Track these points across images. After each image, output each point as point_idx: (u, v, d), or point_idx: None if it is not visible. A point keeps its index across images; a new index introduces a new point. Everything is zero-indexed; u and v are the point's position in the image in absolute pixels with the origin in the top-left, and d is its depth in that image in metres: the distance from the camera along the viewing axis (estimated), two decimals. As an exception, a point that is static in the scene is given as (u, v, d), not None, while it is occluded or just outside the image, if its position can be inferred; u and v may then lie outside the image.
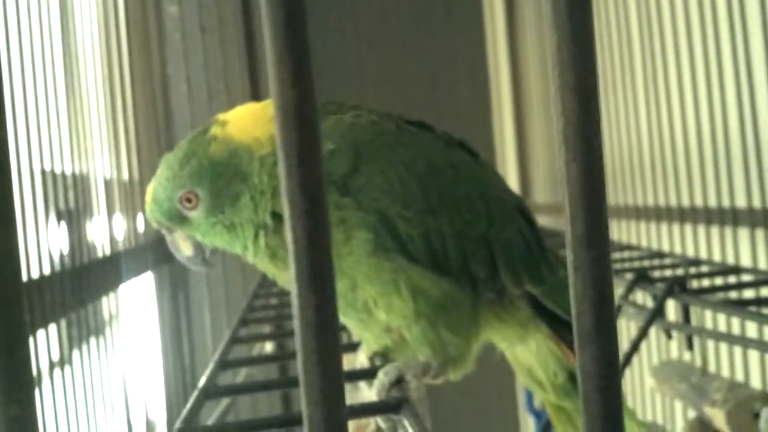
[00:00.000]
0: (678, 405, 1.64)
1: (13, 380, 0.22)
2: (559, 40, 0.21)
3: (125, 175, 1.82)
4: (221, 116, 0.86)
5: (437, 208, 0.82)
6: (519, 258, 0.85)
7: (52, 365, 1.22)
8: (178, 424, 0.63)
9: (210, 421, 0.97)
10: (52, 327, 1.21)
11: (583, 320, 0.22)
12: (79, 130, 1.51)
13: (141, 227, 1.87)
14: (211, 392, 0.74)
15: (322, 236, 0.21)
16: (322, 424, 0.21)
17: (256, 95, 2.39)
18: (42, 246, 1.20)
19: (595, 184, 0.21)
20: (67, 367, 1.29)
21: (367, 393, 0.81)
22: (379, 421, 0.73)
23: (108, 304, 1.57)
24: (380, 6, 2.79)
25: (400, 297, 0.81)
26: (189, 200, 0.81)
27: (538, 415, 1.98)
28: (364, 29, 2.74)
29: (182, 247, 0.87)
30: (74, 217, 1.41)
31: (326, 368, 0.21)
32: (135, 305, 1.81)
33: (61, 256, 1.31)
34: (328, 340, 0.21)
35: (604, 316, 0.22)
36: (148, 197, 0.84)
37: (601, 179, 0.21)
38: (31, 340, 1.07)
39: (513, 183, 2.90)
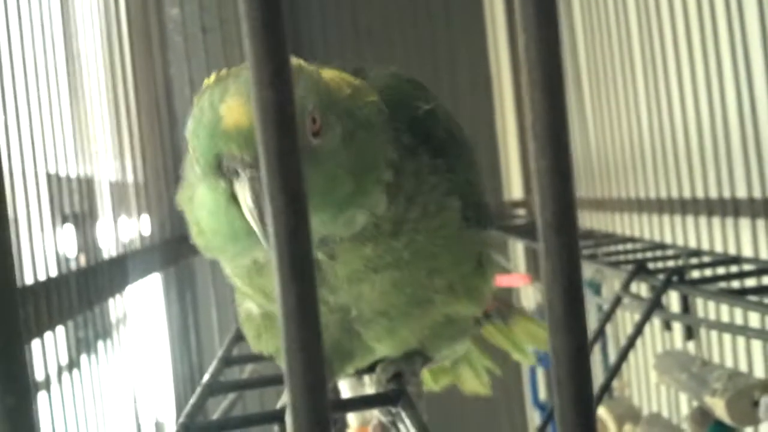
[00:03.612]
0: (683, 396, 1.64)
1: (9, 372, 0.23)
2: (527, 40, 0.22)
3: (130, 177, 1.83)
4: None
5: (472, 162, 0.80)
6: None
7: (60, 367, 1.24)
8: (181, 419, 0.64)
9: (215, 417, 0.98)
10: (60, 329, 1.22)
11: (554, 306, 0.23)
12: (84, 134, 1.52)
13: (148, 229, 1.88)
14: (216, 388, 0.75)
15: (302, 230, 0.22)
16: (307, 411, 0.22)
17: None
18: (49, 249, 1.22)
19: (563, 175, 0.22)
20: (75, 369, 1.31)
21: (370, 390, 0.82)
22: (380, 415, 0.74)
23: (116, 305, 1.59)
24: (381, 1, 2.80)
25: (482, 275, 0.79)
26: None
27: (543, 408, 1.99)
28: (363, 22, 2.75)
29: None
30: (81, 219, 1.43)
31: (309, 356, 0.22)
32: (143, 306, 1.82)
33: (68, 258, 1.32)
34: (310, 328, 0.22)
35: (574, 301, 0.23)
36: None
37: (569, 170, 0.22)
38: (38, 341, 1.09)
39: (516, 177, 2.91)
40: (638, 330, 1.03)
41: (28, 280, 1.11)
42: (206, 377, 0.78)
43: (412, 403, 0.65)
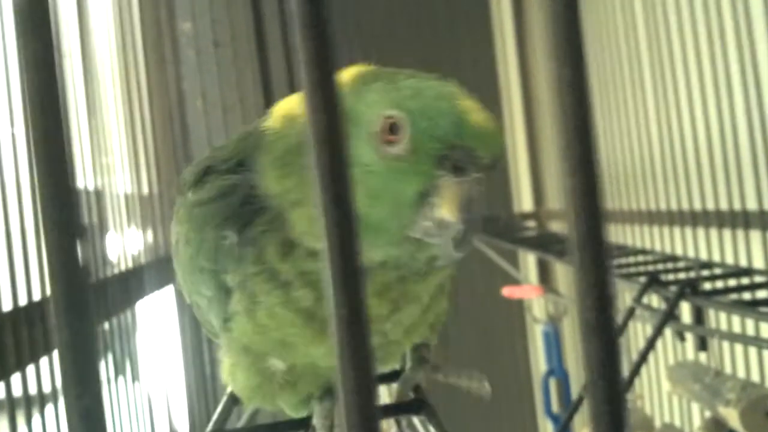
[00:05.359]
0: (695, 406, 1.65)
1: (84, 372, 0.25)
2: (558, 67, 0.24)
3: (145, 190, 1.85)
4: None
5: None
6: None
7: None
8: (210, 427, 0.65)
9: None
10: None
11: (586, 315, 0.25)
12: (100, 147, 1.54)
13: (162, 241, 1.90)
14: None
15: (353, 242, 0.24)
16: (357, 411, 0.24)
17: (270, 108, 2.42)
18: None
19: (592, 193, 0.24)
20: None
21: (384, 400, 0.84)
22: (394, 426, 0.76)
23: (130, 317, 1.61)
24: (386, 9, 2.82)
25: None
26: None
27: (556, 418, 2.00)
28: (369, 32, 2.77)
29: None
30: (96, 232, 1.45)
31: (358, 359, 0.24)
32: (156, 318, 1.84)
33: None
34: (360, 333, 0.24)
35: (605, 309, 0.24)
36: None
37: (598, 187, 0.24)
38: (49, 356, 1.10)
39: (526, 190, 2.92)
40: (652, 341, 1.04)
41: (36, 297, 1.12)
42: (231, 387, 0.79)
43: (434, 412, 0.66)
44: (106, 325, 1.44)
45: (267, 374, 0.76)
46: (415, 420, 0.77)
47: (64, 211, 0.27)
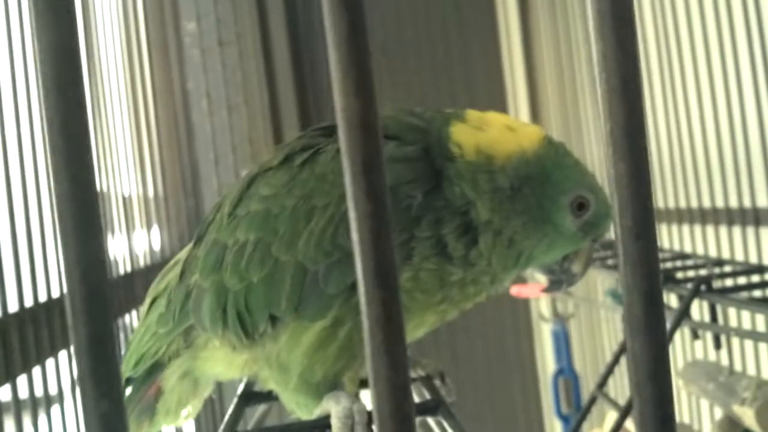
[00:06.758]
0: (704, 404, 1.64)
1: (103, 376, 0.24)
2: (604, 48, 0.23)
3: (150, 191, 1.84)
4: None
5: None
6: None
7: (75, 383, 1.24)
8: (221, 430, 0.64)
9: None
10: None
11: (633, 309, 0.23)
12: (105, 148, 1.53)
13: (167, 242, 1.89)
14: (251, 398, 0.76)
15: (386, 236, 0.23)
16: (392, 412, 0.23)
17: (275, 108, 2.41)
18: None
19: (641, 180, 0.23)
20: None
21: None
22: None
23: (135, 319, 1.59)
24: (394, 14, 2.80)
25: None
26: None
27: (566, 419, 1.99)
28: (378, 37, 2.76)
29: None
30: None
31: (393, 359, 0.23)
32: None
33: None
34: (395, 332, 0.22)
35: (654, 304, 0.23)
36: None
37: (647, 175, 0.23)
38: (55, 358, 1.09)
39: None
40: (669, 338, 1.02)
41: (42, 298, 1.11)
42: (240, 388, 0.78)
43: (451, 412, 0.65)
44: (114, 326, 1.42)
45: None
46: (431, 420, 0.76)
47: (83, 206, 0.26)
